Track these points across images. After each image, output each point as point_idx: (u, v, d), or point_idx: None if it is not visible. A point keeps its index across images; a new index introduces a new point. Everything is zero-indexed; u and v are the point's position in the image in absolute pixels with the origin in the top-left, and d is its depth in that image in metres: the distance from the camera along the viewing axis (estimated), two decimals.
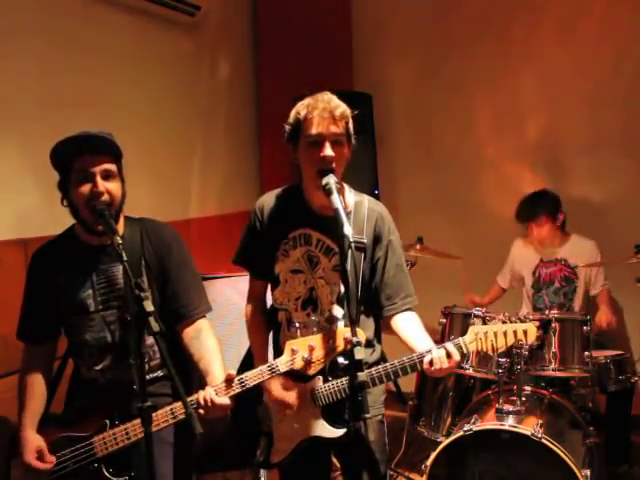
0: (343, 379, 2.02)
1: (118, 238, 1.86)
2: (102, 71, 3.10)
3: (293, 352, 1.87)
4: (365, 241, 2.08)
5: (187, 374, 2.20)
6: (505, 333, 1.98)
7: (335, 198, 1.87)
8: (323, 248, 2.10)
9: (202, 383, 2.02)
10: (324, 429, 2.07)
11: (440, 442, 2.81)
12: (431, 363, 1.92)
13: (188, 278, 2.13)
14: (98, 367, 2.09)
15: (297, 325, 2.12)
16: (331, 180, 1.93)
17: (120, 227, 2.05)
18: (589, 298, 3.74)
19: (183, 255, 2.14)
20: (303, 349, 1.86)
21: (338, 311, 2.09)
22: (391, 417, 4.26)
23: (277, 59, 4.42)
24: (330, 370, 2.06)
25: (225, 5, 4.17)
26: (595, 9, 4.03)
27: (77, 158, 1.95)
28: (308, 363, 1.87)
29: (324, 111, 1.95)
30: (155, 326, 1.73)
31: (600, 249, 3.69)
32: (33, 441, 1.96)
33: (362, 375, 1.67)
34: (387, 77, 4.53)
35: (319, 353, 1.87)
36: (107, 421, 1.99)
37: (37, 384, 2.09)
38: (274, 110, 4.39)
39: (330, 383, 2.05)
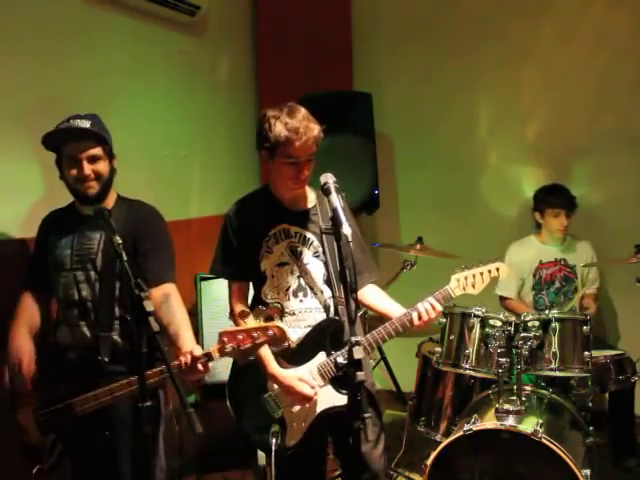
0: (345, 349, 2.10)
1: (118, 238, 1.98)
2: (101, 71, 3.10)
3: (223, 342, 1.98)
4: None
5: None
6: (482, 273, 2.42)
7: (334, 198, 1.94)
8: (302, 239, 2.30)
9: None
10: (336, 398, 2.21)
11: (440, 442, 2.81)
12: (419, 317, 2.23)
13: (156, 247, 2.30)
14: (67, 323, 2.27)
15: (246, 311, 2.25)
16: (330, 180, 1.99)
17: (111, 201, 2.33)
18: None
19: (156, 228, 2.35)
20: (233, 340, 1.97)
21: (327, 292, 2.29)
22: (391, 417, 4.27)
23: (277, 59, 4.42)
24: (331, 343, 2.22)
25: (225, 5, 4.17)
26: (595, 9, 4.03)
27: (64, 145, 2.23)
28: (239, 353, 1.98)
29: (305, 137, 2.13)
30: (155, 326, 1.77)
31: (595, 249, 3.72)
32: (28, 349, 2.22)
33: (361, 374, 1.69)
34: (387, 77, 4.53)
35: (247, 344, 1.96)
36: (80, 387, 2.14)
37: (32, 309, 2.34)
38: None
39: (332, 357, 2.20)
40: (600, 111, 4.05)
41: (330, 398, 2.21)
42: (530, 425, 2.59)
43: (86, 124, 2.21)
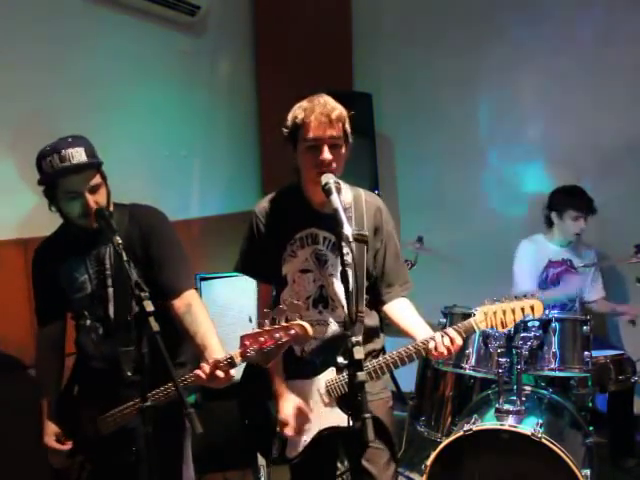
0: (375, 360, 2.06)
1: (118, 238, 1.95)
2: (101, 71, 3.10)
3: (245, 346, 1.90)
4: (367, 234, 2.11)
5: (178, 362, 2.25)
6: (513, 310, 2.11)
7: (335, 198, 1.90)
8: (330, 246, 2.15)
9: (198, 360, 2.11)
10: (340, 418, 2.09)
11: (440, 442, 2.81)
12: (435, 348, 2.01)
13: (171, 255, 2.21)
14: (95, 336, 2.22)
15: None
16: (330, 180, 1.96)
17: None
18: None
19: (167, 233, 2.23)
20: (255, 342, 1.89)
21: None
22: None
23: (277, 59, 4.42)
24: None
25: (225, 5, 4.17)
26: (595, 9, 4.03)
27: (62, 178, 2.04)
28: (262, 355, 1.90)
29: (321, 115, 1.98)
30: (155, 326, 1.77)
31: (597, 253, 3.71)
32: (51, 426, 2.19)
33: (361, 375, 1.68)
34: (387, 77, 4.53)
35: (270, 345, 1.88)
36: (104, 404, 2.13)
37: (49, 367, 2.27)
38: (274, 110, 4.39)
39: (343, 374, 2.08)
40: (600, 111, 4.05)
41: (334, 417, 2.11)
42: (530, 425, 2.59)
43: (82, 154, 2.03)
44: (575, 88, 4.09)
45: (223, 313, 3.36)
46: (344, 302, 2.04)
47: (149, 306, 1.79)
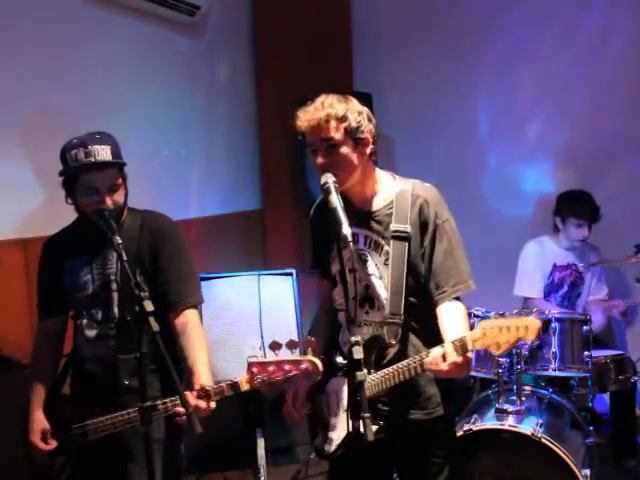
0: (384, 370, 1.97)
1: (118, 238, 1.95)
2: (101, 71, 3.10)
3: (253, 373, 1.87)
4: (408, 230, 2.03)
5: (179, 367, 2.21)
6: (509, 328, 1.84)
7: (333, 197, 1.89)
8: (372, 244, 2.08)
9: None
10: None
11: None
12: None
13: (179, 267, 2.17)
14: (89, 335, 2.18)
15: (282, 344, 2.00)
16: (330, 179, 1.95)
17: (123, 214, 2.18)
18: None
19: (177, 244, 2.20)
20: (263, 371, 1.86)
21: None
22: None
23: (277, 59, 4.42)
24: (375, 362, 2.02)
25: (225, 5, 4.17)
26: (595, 9, 4.03)
27: (84, 173, 2.05)
28: (269, 385, 1.87)
29: (309, 120, 1.96)
30: (155, 326, 1.77)
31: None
32: (39, 422, 2.13)
33: (360, 374, 1.68)
34: (387, 77, 4.53)
35: (279, 376, 1.86)
36: (98, 408, 2.07)
37: (45, 362, 2.24)
38: (274, 110, 4.41)
39: (372, 376, 1.98)
40: (600, 110, 4.05)
41: None
42: (530, 425, 2.59)
43: (107, 153, 2.04)
44: (575, 88, 4.09)
45: (222, 313, 3.36)
46: (384, 302, 2.01)
47: (149, 306, 1.79)
